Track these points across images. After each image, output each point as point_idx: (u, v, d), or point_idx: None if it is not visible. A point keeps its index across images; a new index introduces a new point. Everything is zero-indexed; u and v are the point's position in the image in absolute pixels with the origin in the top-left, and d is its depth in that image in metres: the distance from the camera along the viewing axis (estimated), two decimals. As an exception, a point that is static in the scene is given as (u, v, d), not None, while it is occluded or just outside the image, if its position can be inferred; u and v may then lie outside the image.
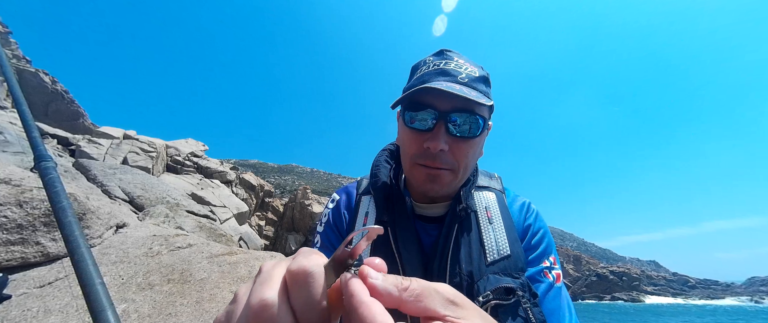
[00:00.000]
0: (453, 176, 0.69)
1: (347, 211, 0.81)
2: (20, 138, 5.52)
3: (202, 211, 6.67)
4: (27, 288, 1.92)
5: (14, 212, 2.07)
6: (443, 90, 0.61)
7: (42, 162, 0.75)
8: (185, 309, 1.97)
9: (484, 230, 0.71)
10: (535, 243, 0.73)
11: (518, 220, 0.77)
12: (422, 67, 0.71)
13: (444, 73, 0.68)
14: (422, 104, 0.66)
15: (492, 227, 0.72)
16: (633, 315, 48.50)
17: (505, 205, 0.78)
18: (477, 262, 0.66)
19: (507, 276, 0.64)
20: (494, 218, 0.73)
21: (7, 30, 17.01)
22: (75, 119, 17.89)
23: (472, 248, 0.68)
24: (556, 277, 0.71)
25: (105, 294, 0.55)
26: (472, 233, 0.71)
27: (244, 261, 2.64)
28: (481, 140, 0.71)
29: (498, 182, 0.85)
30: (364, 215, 0.77)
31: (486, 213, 0.74)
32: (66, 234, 0.62)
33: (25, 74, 16.38)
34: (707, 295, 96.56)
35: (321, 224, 0.81)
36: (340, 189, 0.88)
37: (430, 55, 0.73)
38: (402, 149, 0.74)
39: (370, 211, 0.76)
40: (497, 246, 0.69)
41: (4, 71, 0.95)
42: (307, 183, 49.32)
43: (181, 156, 12.85)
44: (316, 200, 20.46)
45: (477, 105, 0.65)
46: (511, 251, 0.68)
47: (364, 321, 0.24)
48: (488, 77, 0.72)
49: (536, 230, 0.75)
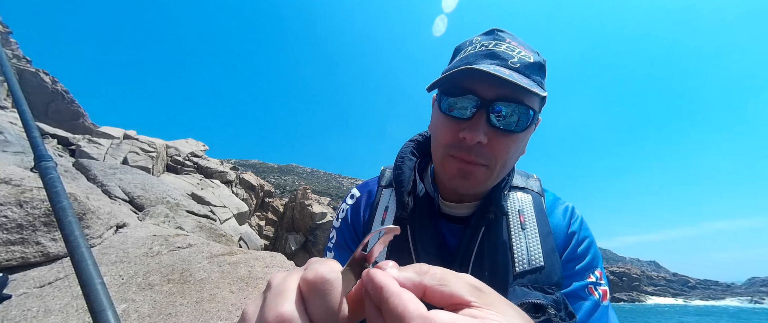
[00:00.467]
0: (488, 173, 0.60)
1: (365, 208, 0.75)
2: (20, 138, 5.52)
3: (202, 211, 6.67)
4: (27, 288, 1.92)
5: (14, 212, 2.07)
6: (489, 73, 0.52)
7: (42, 162, 0.75)
8: (185, 309, 1.97)
9: (514, 237, 0.63)
10: (579, 254, 0.64)
11: (559, 226, 0.67)
12: (467, 48, 0.61)
13: (492, 56, 0.57)
14: (463, 89, 0.56)
15: (524, 233, 0.63)
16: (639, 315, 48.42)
17: (543, 209, 0.69)
18: (503, 271, 0.59)
19: (537, 291, 0.57)
20: (528, 223, 0.65)
21: (7, 30, 17.01)
22: (75, 119, 17.89)
23: (498, 255, 0.61)
24: (603, 294, 0.61)
25: (105, 294, 0.55)
26: (500, 238, 0.63)
27: (244, 261, 2.64)
28: (526, 136, 0.61)
29: (536, 183, 0.75)
30: (383, 210, 0.70)
31: (519, 217, 0.66)
32: (66, 234, 0.62)
33: (25, 74, 16.39)
34: (707, 295, 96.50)
35: (337, 220, 0.76)
36: (360, 185, 0.81)
37: (479, 35, 0.62)
38: (434, 137, 0.65)
39: (390, 206, 0.70)
40: (528, 255, 0.61)
41: (4, 71, 0.95)
42: (307, 183, 49.35)
43: (181, 156, 12.86)
44: (316, 200, 20.46)
45: (528, 94, 0.55)
46: (545, 262, 0.60)
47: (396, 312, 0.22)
48: (544, 65, 0.61)
49: (582, 239, 0.66)
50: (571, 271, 0.62)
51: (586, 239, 0.66)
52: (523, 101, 0.56)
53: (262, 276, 2.50)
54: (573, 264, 0.63)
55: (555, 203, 0.72)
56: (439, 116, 0.61)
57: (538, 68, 0.59)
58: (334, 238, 0.75)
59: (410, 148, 0.77)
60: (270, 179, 73.03)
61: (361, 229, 0.73)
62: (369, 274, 0.26)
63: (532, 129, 0.62)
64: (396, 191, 0.70)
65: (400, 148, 0.79)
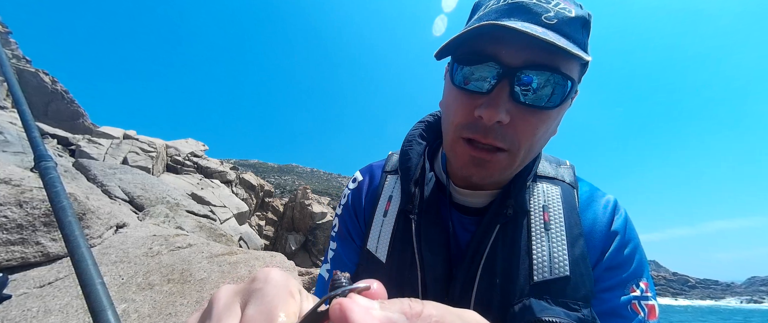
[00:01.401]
0: (510, 160, 0.48)
1: (368, 195, 0.67)
2: (20, 138, 5.52)
3: (202, 211, 6.67)
4: (27, 288, 1.92)
5: (14, 212, 2.07)
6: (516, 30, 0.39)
7: (42, 162, 0.75)
8: (185, 309, 1.97)
9: (535, 238, 0.52)
10: (622, 260, 0.52)
11: (597, 225, 0.54)
12: (489, 3, 0.48)
13: (521, 9, 0.43)
14: (482, 55, 0.44)
15: (548, 235, 0.51)
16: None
17: (575, 205, 0.55)
18: (518, 279, 0.49)
19: (559, 306, 0.46)
20: (553, 222, 0.53)
21: (7, 30, 17.00)
22: (75, 119, 17.89)
23: (513, 259, 0.50)
24: (649, 311, 0.49)
25: (105, 294, 0.55)
26: (519, 239, 0.52)
27: (244, 260, 2.64)
28: (560, 113, 0.49)
29: (569, 171, 0.61)
30: (386, 199, 0.62)
31: (542, 215, 0.53)
32: (66, 234, 0.61)
33: (25, 74, 16.38)
34: (707, 295, 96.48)
35: (340, 207, 0.71)
36: (363, 168, 0.73)
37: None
38: (445, 116, 0.53)
39: (394, 194, 0.62)
40: (551, 261, 0.49)
41: (4, 71, 0.95)
42: (307, 183, 49.39)
43: (181, 156, 12.85)
44: (316, 200, 20.47)
45: (565, 59, 0.43)
46: (572, 271, 0.48)
47: None
48: (590, 21, 0.47)
49: (626, 242, 0.53)
50: (612, 282, 0.50)
51: (631, 242, 0.53)
52: (559, 68, 0.43)
53: (262, 275, 2.50)
54: (614, 273, 0.51)
55: (592, 196, 0.58)
56: (452, 90, 0.49)
57: (581, 25, 0.45)
58: (336, 226, 0.70)
59: (419, 130, 0.67)
60: (270, 179, 73.06)
61: (362, 216, 0.66)
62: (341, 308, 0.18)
63: (569, 104, 0.49)
64: (402, 179, 0.61)
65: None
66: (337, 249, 0.68)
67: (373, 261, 0.59)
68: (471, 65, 0.46)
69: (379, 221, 0.61)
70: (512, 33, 0.40)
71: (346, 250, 0.66)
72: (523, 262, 0.50)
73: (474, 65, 0.45)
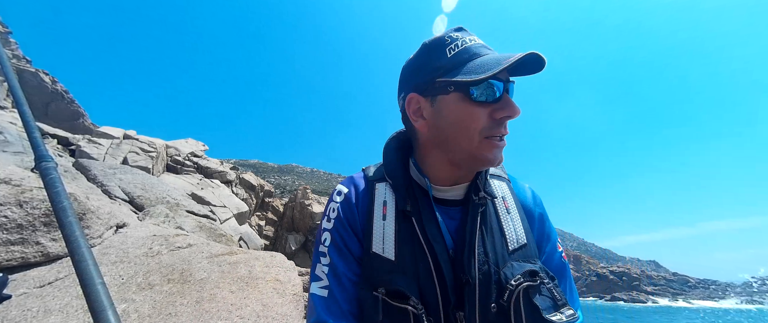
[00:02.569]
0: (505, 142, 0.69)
1: (359, 204, 0.74)
2: (21, 138, 5.52)
3: (202, 211, 6.66)
4: (27, 288, 1.92)
5: (14, 212, 2.07)
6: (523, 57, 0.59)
7: (42, 162, 0.75)
8: (185, 309, 1.97)
9: (503, 219, 0.71)
10: (549, 229, 0.77)
11: (527, 206, 0.77)
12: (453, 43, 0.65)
13: (485, 47, 0.66)
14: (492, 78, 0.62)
15: (510, 216, 0.72)
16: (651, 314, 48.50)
17: (516, 194, 0.78)
18: (501, 251, 0.67)
19: (527, 262, 0.66)
20: (511, 208, 0.74)
21: (7, 30, 16.99)
22: (75, 119, 17.88)
23: (494, 236, 0.68)
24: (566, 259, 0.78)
25: (105, 294, 0.55)
26: (493, 221, 0.70)
27: (244, 260, 2.64)
28: None
29: (503, 170, 0.83)
30: (381, 203, 0.71)
31: (504, 203, 0.74)
32: (66, 234, 0.62)
33: (25, 74, 16.38)
34: (707, 295, 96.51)
35: (328, 221, 0.73)
36: (344, 181, 0.81)
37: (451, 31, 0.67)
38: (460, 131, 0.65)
39: (388, 199, 0.72)
40: (516, 235, 0.70)
41: (5, 71, 0.95)
42: (307, 183, 49.31)
43: (181, 156, 12.85)
44: (316, 200, 20.46)
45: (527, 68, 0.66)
46: (527, 240, 0.70)
47: None
48: None
49: (546, 216, 0.79)
50: (549, 245, 0.75)
51: (547, 218, 0.79)
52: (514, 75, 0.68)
53: (262, 275, 2.50)
54: (547, 238, 0.75)
55: (519, 185, 0.82)
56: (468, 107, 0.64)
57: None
58: (327, 241, 0.71)
59: (393, 144, 0.80)
60: (270, 179, 73.03)
61: (357, 226, 0.72)
62: None
63: None
64: (394, 186, 0.73)
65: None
66: (332, 263, 0.69)
67: (380, 261, 0.66)
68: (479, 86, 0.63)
69: (380, 225, 0.69)
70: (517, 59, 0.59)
71: (343, 264, 0.69)
72: (499, 237, 0.69)
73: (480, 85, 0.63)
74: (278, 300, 2.28)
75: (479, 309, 0.60)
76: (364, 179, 0.78)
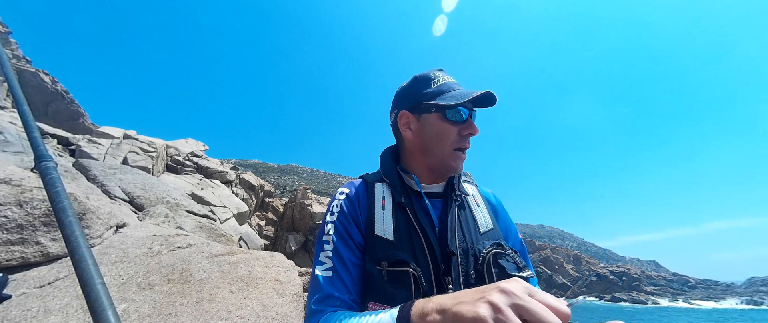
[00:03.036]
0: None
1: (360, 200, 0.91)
2: (20, 138, 5.52)
3: (202, 211, 6.66)
4: (27, 288, 1.92)
5: (14, 212, 2.07)
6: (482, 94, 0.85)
7: (42, 162, 0.75)
8: (185, 309, 1.97)
9: (474, 210, 0.93)
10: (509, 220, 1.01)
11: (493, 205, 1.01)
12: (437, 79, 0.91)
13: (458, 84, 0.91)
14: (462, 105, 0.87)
15: (479, 208, 0.94)
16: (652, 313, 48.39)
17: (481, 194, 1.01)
18: (474, 233, 0.86)
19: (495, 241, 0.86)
20: (479, 203, 0.96)
21: (7, 30, 16.99)
22: (75, 119, 17.88)
23: (469, 222, 0.88)
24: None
25: (105, 294, 0.55)
26: (467, 211, 0.91)
27: (244, 260, 2.64)
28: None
29: (471, 177, 1.07)
30: (381, 198, 0.90)
31: (473, 199, 0.96)
32: (66, 234, 0.61)
33: (25, 74, 16.38)
34: (707, 295, 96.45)
35: (332, 214, 0.88)
36: (346, 184, 0.97)
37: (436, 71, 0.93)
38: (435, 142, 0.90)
39: (386, 195, 0.90)
40: (485, 221, 0.91)
41: (5, 71, 0.95)
42: (307, 183, 49.26)
43: (181, 156, 12.85)
44: (316, 200, 20.45)
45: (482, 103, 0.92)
46: (494, 226, 0.91)
47: None
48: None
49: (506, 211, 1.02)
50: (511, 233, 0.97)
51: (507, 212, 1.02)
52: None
53: (262, 275, 2.50)
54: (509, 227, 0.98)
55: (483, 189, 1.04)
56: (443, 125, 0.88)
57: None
58: (331, 231, 0.84)
59: (388, 154, 1.01)
60: (270, 179, 72.98)
61: (359, 218, 0.87)
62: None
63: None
64: (390, 183, 0.92)
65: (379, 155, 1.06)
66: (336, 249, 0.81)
67: (382, 242, 0.81)
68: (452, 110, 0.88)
69: (380, 214, 0.86)
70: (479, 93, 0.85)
71: (346, 249, 0.82)
72: (472, 222, 0.89)
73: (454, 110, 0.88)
74: (278, 300, 2.28)
75: (461, 275, 0.78)
76: (364, 182, 0.96)
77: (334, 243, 0.82)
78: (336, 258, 0.80)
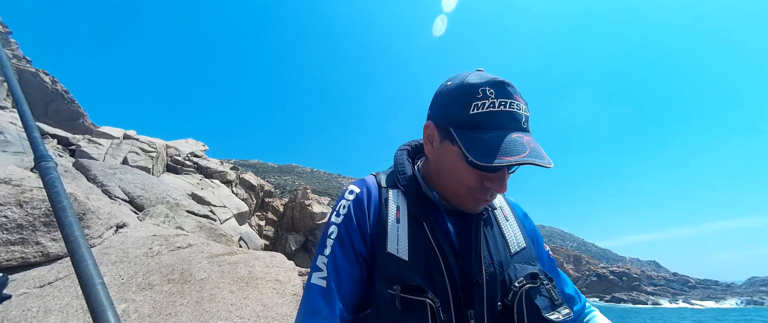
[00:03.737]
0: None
1: (370, 206, 0.77)
2: (20, 138, 5.52)
3: (202, 211, 6.66)
4: (27, 288, 1.92)
5: (14, 212, 2.07)
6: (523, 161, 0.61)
7: (42, 162, 0.75)
8: (185, 309, 1.97)
9: (503, 226, 0.79)
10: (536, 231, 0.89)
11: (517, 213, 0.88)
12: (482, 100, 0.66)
13: (512, 118, 0.66)
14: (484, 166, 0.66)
15: (508, 223, 0.81)
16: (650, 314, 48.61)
17: (509, 204, 0.88)
18: (504, 254, 0.74)
19: (528, 264, 0.74)
20: (508, 216, 0.83)
21: (7, 30, 17.00)
22: (75, 119, 17.89)
23: (497, 241, 0.75)
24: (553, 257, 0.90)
25: (105, 294, 0.55)
26: (495, 228, 0.78)
27: (244, 261, 2.64)
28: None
29: None
30: (395, 207, 0.76)
31: (502, 212, 0.83)
32: (66, 234, 0.61)
33: (25, 74, 16.38)
34: (707, 295, 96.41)
35: (337, 216, 0.76)
36: (356, 182, 0.83)
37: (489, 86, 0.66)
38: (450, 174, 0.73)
39: (400, 205, 0.77)
40: (516, 239, 0.78)
41: (5, 71, 0.95)
42: (307, 183, 49.28)
43: (181, 156, 12.85)
44: (316, 200, 20.46)
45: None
46: (526, 244, 0.78)
47: None
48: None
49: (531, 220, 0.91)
50: (539, 246, 0.85)
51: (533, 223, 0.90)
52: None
53: (262, 275, 2.50)
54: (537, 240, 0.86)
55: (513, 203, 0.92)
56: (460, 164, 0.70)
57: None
58: (333, 234, 0.74)
59: (405, 155, 0.86)
60: (270, 179, 73.05)
61: (366, 226, 0.74)
62: None
63: None
64: (407, 193, 0.78)
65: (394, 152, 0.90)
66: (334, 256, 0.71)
67: (394, 260, 0.69)
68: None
69: (394, 227, 0.73)
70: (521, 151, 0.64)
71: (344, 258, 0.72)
72: (501, 242, 0.76)
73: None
74: (278, 300, 2.28)
75: (487, 307, 0.66)
76: (376, 185, 0.82)
77: (333, 249, 0.72)
78: (331, 267, 0.70)
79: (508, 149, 0.62)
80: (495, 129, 0.65)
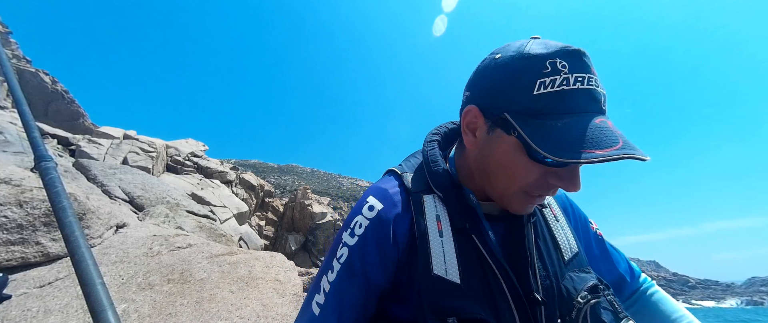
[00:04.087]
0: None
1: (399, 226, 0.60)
2: (20, 138, 5.52)
3: (202, 211, 6.67)
4: (27, 288, 1.92)
5: (14, 212, 2.07)
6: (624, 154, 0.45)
7: (42, 162, 0.75)
8: (185, 309, 1.97)
9: (554, 228, 0.66)
10: (581, 217, 0.76)
11: (564, 205, 0.75)
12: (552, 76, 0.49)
13: (592, 98, 0.50)
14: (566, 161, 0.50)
15: (559, 224, 0.67)
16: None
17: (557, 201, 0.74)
18: (557, 262, 0.61)
19: (583, 273, 0.62)
20: (558, 214, 0.69)
21: (7, 30, 17.00)
22: (75, 119, 17.90)
23: (549, 247, 0.63)
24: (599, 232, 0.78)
25: (105, 294, 0.55)
26: (545, 232, 0.65)
27: (244, 261, 2.64)
28: None
29: None
30: (435, 219, 0.59)
31: (551, 210, 0.69)
32: (66, 234, 0.62)
33: (25, 74, 16.38)
34: (707, 295, 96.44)
35: (352, 236, 0.59)
36: (376, 192, 0.63)
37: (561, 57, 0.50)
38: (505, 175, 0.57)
39: (440, 214, 0.60)
40: (569, 243, 0.65)
41: (5, 71, 0.95)
42: (307, 183, 49.31)
43: (181, 156, 12.85)
44: (316, 200, 20.47)
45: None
46: (578, 247, 0.66)
47: None
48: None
49: (576, 206, 0.78)
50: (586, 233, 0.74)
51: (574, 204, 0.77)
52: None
53: (262, 276, 2.50)
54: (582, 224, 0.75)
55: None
56: (519, 159, 0.54)
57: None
58: (343, 257, 0.59)
59: (436, 149, 0.68)
60: (270, 179, 73.10)
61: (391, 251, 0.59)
62: None
63: None
64: (448, 199, 0.61)
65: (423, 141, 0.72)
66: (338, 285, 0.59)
67: (444, 285, 0.54)
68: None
69: (438, 243, 0.57)
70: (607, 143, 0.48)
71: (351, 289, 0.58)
72: (553, 248, 0.64)
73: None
74: (278, 300, 2.28)
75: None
76: (403, 191, 0.63)
77: (339, 276, 0.58)
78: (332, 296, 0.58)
79: (596, 140, 0.47)
80: (571, 113, 0.49)
